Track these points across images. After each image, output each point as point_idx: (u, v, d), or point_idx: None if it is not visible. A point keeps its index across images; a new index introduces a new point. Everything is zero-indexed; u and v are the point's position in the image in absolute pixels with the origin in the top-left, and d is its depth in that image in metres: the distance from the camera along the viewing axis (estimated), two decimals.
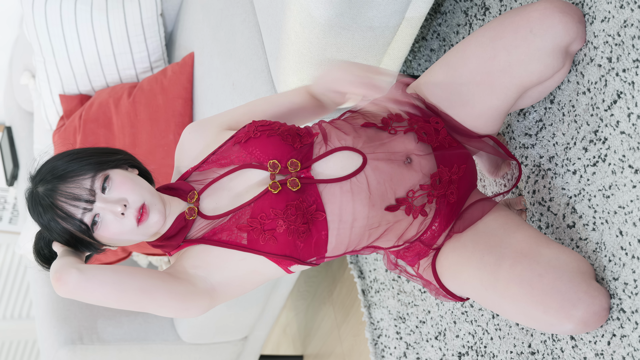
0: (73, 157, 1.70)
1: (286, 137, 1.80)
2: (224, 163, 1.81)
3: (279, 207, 1.72)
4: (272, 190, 1.74)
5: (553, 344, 1.94)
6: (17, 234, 4.22)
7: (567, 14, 1.78)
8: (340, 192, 1.77)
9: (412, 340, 2.66)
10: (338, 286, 3.37)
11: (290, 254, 1.73)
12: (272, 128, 1.81)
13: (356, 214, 1.77)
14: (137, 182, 1.71)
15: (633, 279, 1.71)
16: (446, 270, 1.85)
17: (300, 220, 1.72)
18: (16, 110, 3.83)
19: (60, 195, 1.65)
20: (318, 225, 1.75)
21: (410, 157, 1.84)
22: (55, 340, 3.10)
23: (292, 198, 1.74)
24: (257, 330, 3.39)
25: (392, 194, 1.80)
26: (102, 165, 1.70)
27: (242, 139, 1.80)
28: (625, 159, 1.75)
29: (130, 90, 3.06)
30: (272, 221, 1.72)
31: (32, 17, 3.08)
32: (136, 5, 3.07)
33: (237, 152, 1.80)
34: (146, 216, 1.69)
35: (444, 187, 1.85)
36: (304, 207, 1.73)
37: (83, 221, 1.66)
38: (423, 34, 2.58)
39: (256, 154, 1.78)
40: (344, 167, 1.79)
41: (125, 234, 1.70)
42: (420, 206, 1.83)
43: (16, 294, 4.54)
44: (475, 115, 1.89)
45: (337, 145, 1.81)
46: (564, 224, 1.93)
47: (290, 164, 1.77)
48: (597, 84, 1.83)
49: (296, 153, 1.79)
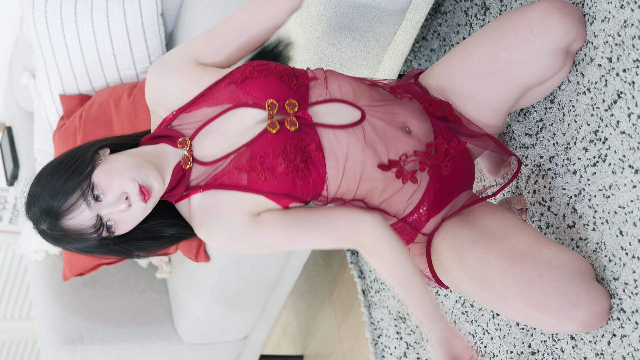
0: (53, 184, 1.66)
1: (283, 77, 1.79)
2: (214, 102, 1.78)
3: (279, 147, 1.72)
4: (270, 130, 1.73)
5: (553, 344, 1.94)
6: (17, 234, 4.22)
7: (566, 15, 1.78)
8: (335, 136, 1.76)
9: (413, 340, 2.66)
10: (338, 286, 3.37)
11: (290, 192, 1.73)
12: (269, 68, 1.80)
13: (350, 154, 1.76)
14: (120, 168, 1.68)
15: (633, 279, 1.71)
16: (443, 267, 1.85)
17: (300, 158, 1.72)
18: (16, 110, 3.83)
19: (67, 229, 1.65)
20: (316, 164, 1.74)
21: (409, 127, 1.84)
22: (56, 340, 3.10)
23: (290, 137, 1.73)
24: (257, 330, 3.39)
25: (385, 153, 1.79)
26: (81, 181, 1.66)
27: (239, 78, 1.78)
28: (625, 159, 1.75)
29: (131, 90, 3.06)
30: (272, 160, 1.71)
31: (32, 17, 3.08)
32: (136, 5, 3.07)
33: (231, 91, 1.78)
34: (149, 192, 1.68)
35: (438, 158, 1.84)
36: (302, 145, 1.73)
37: (103, 236, 1.68)
38: (423, 34, 2.58)
39: (253, 94, 1.77)
40: (341, 118, 1.78)
41: (140, 215, 1.70)
42: (411, 172, 1.82)
43: (16, 294, 4.54)
44: (476, 115, 1.89)
45: (337, 96, 1.81)
46: (564, 224, 1.93)
47: (288, 104, 1.76)
48: (597, 84, 1.83)
49: (293, 93, 1.78)
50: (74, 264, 3.10)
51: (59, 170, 1.67)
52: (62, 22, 3.06)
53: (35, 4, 3.07)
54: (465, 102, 1.89)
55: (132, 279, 3.38)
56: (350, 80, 1.86)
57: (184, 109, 1.79)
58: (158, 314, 3.30)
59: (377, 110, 1.82)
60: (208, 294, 3.04)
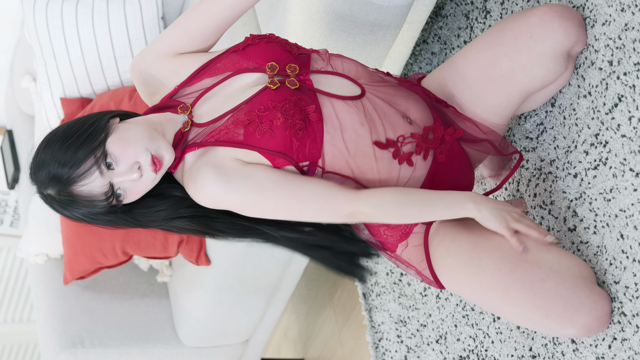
0: (63, 152, 1.65)
1: (284, 44, 1.80)
2: (215, 72, 1.79)
3: (278, 101, 1.71)
4: (270, 87, 1.74)
5: (554, 348, 1.94)
6: (18, 237, 4.22)
7: (567, 19, 1.78)
8: (333, 105, 1.76)
9: (413, 343, 2.66)
10: (339, 289, 3.37)
11: (285, 151, 1.71)
12: (270, 37, 1.82)
13: (348, 125, 1.75)
14: (133, 137, 1.68)
15: (634, 282, 1.71)
16: (442, 270, 1.84)
17: (298, 116, 1.71)
18: (17, 113, 3.83)
19: (77, 195, 1.65)
20: (314, 127, 1.73)
21: (410, 116, 1.84)
22: (56, 344, 3.10)
23: (290, 93, 1.73)
24: (258, 333, 3.39)
25: (383, 132, 1.79)
26: (94, 148, 1.65)
27: (240, 47, 1.80)
28: (626, 162, 1.75)
29: (132, 94, 3.06)
30: (271, 113, 1.70)
31: (33, 20, 3.08)
32: (137, 8, 3.07)
33: (232, 59, 1.79)
34: (160, 162, 1.68)
35: (434, 143, 1.84)
36: (302, 104, 1.72)
37: (112, 204, 1.67)
38: (424, 37, 2.58)
39: (254, 59, 1.78)
40: (342, 90, 1.78)
41: (149, 185, 1.70)
42: (408, 153, 1.81)
43: (17, 298, 4.54)
44: (479, 120, 1.89)
45: (339, 70, 1.81)
46: (565, 227, 1.93)
47: (289, 68, 1.77)
48: (598, 87, 1.83)
49: (294, 59, 1.78)
50: (74, 268, 3.10)
51: (70, 135, 1.67)
52: (63, 25, 3.06)
53: (36, 7, 3.07)
54: (467, 107, 1.89)
55: (132, 283, 3.38)
56: (354, 61, 1.87)
57: (186, 83, 1.80)
58: (159, 318, 3.30)
59: (378, 90, 1.83)
60: (209, 297, 3.04)
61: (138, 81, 1.85)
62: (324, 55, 1.84)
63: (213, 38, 1.84)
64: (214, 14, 1.81)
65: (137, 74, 1.84)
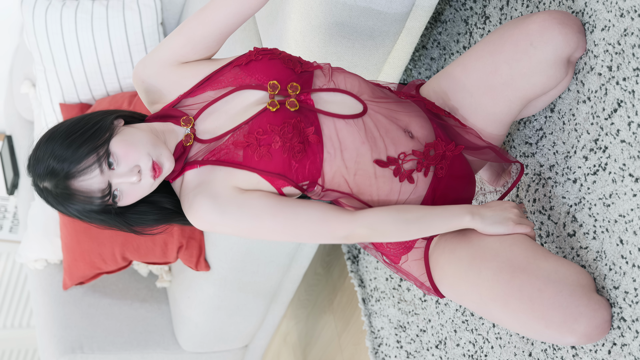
0: (64, 148, 1.65)
1: (287, 62, 1.80)
2: (218, 86, 1.80)
3: (276, 124, 1.72)
4: (270, 108, 1.74)
5: (554, 353, 1.94)
6: (17, 243, 4.22)
7: (566, 25, 1.78)
8: (335, 124, 1.76)
9: (413, 349, 2.66)
10: (338, 295, 3.37)
11: (284, 173, 1.72)
12: (274, 52, 1.81)
13: (348, 144, 1.76)
14: (137, 142, 1.69)
15: (633, 287, 1.71)
16: (442, 282, 1.84)
17: (297, 139, 1.71)
18: (17, 119, 3.83)
19: (75, 190, 1.65)
20: (314, 148, 1.73)
21: (412, 131, 1.84)
22: (56, 349, 3.10)
23: (289, 116, 1.73)
24: (258, 339, 3.39)
25: (384, 149, 1.79)
26: (98, 146, 1.66)
27: (243, 61, 1.80)
28: (625, 167, 1.75)
29: (131, 99, 3.06)
30: (269, 136, 1.71)
31: (32, 26, 3.08)
32: (136, 14, 3.07)
33: (235, 74, 1.79)
34: (160, 169, 1.69)
35: (435, 159, 1.84)
36: (301, 127, 1.73)
37: (107, 203, 1.67)
38: (423, 43, 2.58)
39: (256, 76, 1.78)
40: (344, 109, 1.79)
41: (146, 190, 1.71)
42: (409, 171, 1.81)
43: (17, 303, 4.54)
44: (479, 127, 1.89)
45: (341, 87, 1.81)
46: (565, 233, 1.93)
47: (290, 87, 1.77)
48: (597, 92, 1.83)
49: (296, 77, 1.78)
50: (74, 273, 3.10)
51: (74, 132, 1.68)
52: (63, 31, 3.06)
53: (36, 12, 3.08)
54: (468, 115, 1.89)
55: (132, 288, 3.38)
56: (356, 76, 1.87)
57: (189, 93, 1.81)
58: (158, 323, 3.30)
59: (380, 106, 1.83)
60: (208, 302, 3.03)
61: (140, 89, 1.86)
62: (326, 71, 1.84)
63: (216, 46, 1.84)
64: (218, 22, 1.80)
65: (140, 82, 1.85)
